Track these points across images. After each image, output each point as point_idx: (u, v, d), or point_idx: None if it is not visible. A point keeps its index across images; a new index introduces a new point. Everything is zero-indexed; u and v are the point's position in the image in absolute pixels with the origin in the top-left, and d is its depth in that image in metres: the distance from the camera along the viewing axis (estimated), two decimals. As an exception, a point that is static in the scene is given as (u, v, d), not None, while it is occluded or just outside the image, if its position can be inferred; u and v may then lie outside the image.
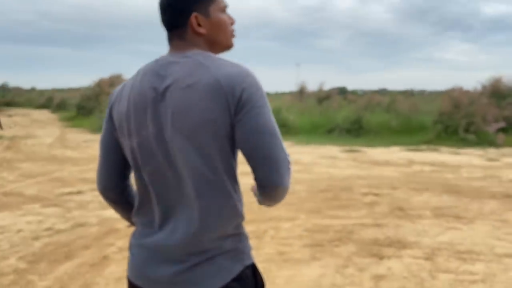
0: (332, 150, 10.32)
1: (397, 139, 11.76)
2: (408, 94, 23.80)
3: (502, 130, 11.47)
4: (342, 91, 25.83)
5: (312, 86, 19.38)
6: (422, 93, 27.82)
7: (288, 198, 5.89)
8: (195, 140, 1.03)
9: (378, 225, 4.37)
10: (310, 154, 9.56)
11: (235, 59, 1.10)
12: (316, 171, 7.48)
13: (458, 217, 4.62)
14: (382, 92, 27.73)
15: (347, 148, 10.46)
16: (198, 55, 1.09)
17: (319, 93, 18.27)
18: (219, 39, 1.17)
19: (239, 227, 1.12)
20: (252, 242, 3.94)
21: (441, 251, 3.63)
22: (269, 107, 1.06)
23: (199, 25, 1.12)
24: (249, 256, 1.14)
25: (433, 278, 3.10)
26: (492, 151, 10.06)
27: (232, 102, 1.02)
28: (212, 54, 1.12)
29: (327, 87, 19.35)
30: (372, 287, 2.97)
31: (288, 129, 13.26)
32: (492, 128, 11.45)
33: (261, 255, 3.53)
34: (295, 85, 21.18)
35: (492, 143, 10.95)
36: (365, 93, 26.56)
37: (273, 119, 1.06)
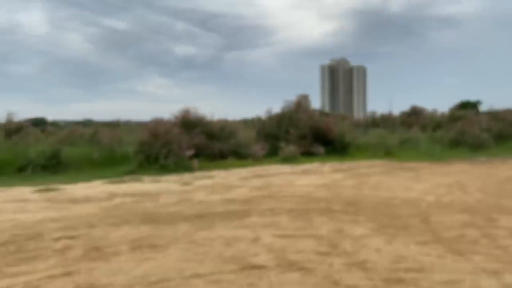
0: (23, 191, 8.88)
1: (100, 172, 11.38)
2: (114, 125, 23.85)
3: (195, 156, 12.98)
4: (39, 122, 23.40)
5: (-1, 118, 16.51)
6: (127, 123, 28.49)
7: None
8: None
9: (68, 274, 3.86)
10: (-8, 200, 7.89)
11: None
12: (-2, 220, 6.16)
13: (153, 246, 4.66)
14: (87, 123, 26.77)
15: (42, 187, 9.25)
16: None
17: (7, 124, 15.70)
18: None
19: None
20: None
21: (134, 287, 3.50)
22: None
23: None
24: None
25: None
26: (187, 176, 11.13)
27: None
28: None
29: (19, 118, 16.91)
30: None
31: (-38, 171, 10.68)
32: (186, 154, 12.77)
33: None
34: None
35: (188, 168, 12.18)
36: (67, 125, 24.94)
37: None
